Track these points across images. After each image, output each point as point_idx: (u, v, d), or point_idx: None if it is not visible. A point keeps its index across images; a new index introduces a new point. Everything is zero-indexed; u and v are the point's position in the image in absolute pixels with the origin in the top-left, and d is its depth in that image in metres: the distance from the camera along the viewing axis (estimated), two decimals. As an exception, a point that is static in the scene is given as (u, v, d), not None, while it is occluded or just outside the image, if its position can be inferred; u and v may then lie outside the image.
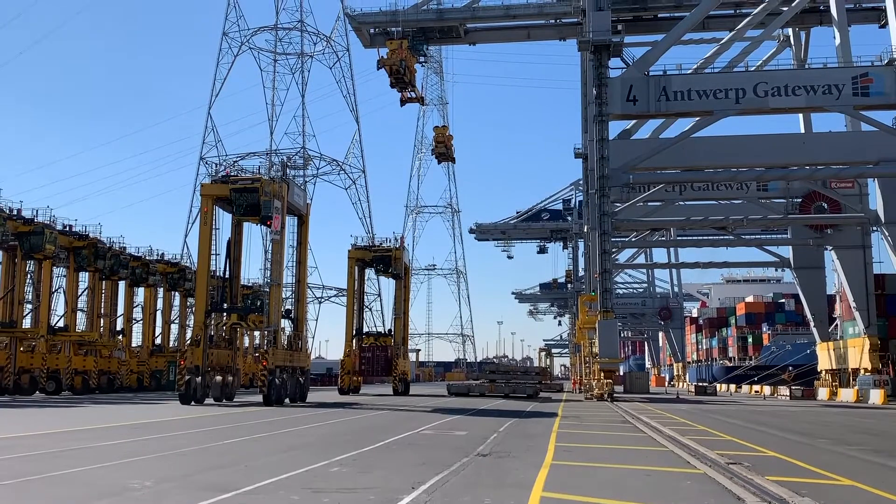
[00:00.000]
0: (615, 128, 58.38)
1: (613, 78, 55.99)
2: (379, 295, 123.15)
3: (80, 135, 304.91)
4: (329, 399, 55.64)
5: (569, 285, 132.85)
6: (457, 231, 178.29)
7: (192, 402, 44.55)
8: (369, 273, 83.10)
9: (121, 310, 75.50)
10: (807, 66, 60.63)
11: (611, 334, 56.80)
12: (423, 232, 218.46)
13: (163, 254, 79.34)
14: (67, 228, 65.36)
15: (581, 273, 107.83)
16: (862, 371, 62.59)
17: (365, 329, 76.49)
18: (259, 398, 47.07)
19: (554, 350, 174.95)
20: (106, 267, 68.54)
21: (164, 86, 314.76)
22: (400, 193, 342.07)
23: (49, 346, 62.55)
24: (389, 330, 76.83)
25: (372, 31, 67.00)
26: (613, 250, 65.62)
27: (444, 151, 75.27)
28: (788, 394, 64.08)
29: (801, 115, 66.36)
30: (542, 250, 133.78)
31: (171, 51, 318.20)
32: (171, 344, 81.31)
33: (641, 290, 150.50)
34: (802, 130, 66.51)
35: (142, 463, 16.53)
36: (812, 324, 76.01)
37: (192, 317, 57.51)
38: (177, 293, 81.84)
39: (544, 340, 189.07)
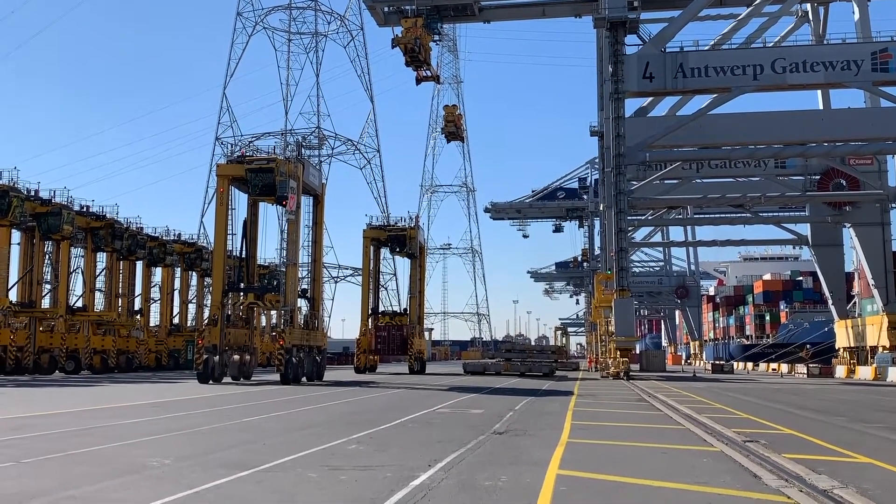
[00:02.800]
0: (631, 105, 58.05)
1: (629, 55, 55.56)
2: (394, 274, 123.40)
3: (95, 116, 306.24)
4: (345, 378, 55.92)
5: (585, 264, 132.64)
6: (472, 210, 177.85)
7: (210, 381, 44.89)
8: (384, 252, 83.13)
9: (138, 290, 75.98)
10: (825, 42, 59.92)
11: (627, 313, 56.76)
12: (438, 211, 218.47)
13: (179, 234, 79.72)
14: (84, 209, 65.71)
15: (597, 252, 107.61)
16: (880, 349, 62.35)
17: (381, 308, 76.74)
18: (276, 377, 47.37)
19: (570, 329, 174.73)
20: (123, 247, 68.96)
21: (178, 66, 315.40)
22: (415, 173, 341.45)
23: (68, 325, 63.05)
24: (405, 309, 77.01)
25: (386, 9, 66.66)
26: (629, 229, 65.40)
27: (453, 130, 75.23)
28: (806, 372, 63.93)
29: (819, 92, 65.61)
30: (558, 229, 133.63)
31: (185, 31, 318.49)
32: (188, 323, 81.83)
33: (658, 268, 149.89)
34: (821, 107, 65.82)
35: (160, 441, 16.69)
36: (830, 301, 75.66)
37: (210, 296, 57.78)
38: (194, 273, 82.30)
39: (560, 319, 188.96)
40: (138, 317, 75.18)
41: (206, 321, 53.07)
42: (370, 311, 74.16)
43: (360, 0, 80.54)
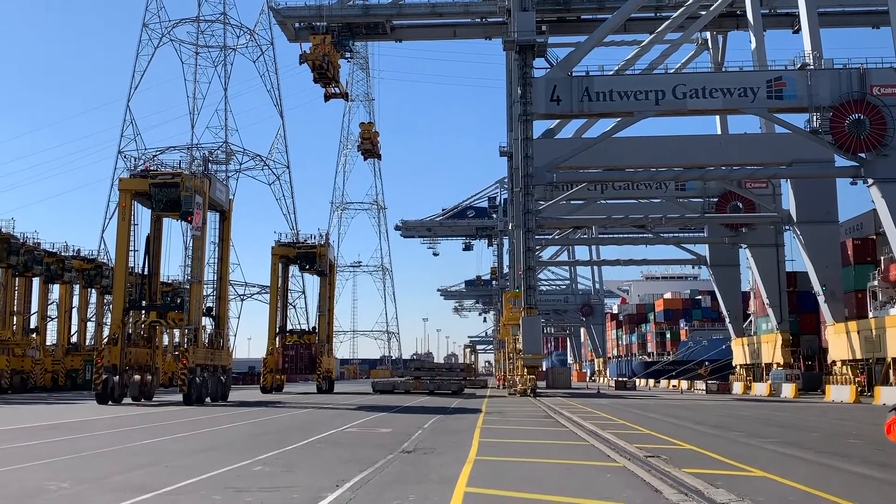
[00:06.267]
0: (539, 127, 58.99)
1: (538, 78, 56.48)
2: (303, 292, 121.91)
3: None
4: (251, 398, 54.95)
5: (494, 282, 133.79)
6: (383, 228, 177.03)
7: (110, 402, 43.47)
8: (293, 270, 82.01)
9: (35, 307, 73.26)
10: (724, 70, 62.13)
11: (534, 331, 57.48)
12: (349, 229, 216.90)
13: (79, 250, 77.30)
14: (-22, 223, 63.24)
15: (506, 270, 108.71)
16: (775, 366, 64.71)
17: (289, 327, 75.67)
18: (179, 397, 46.21)
19: (479, 346, 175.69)
20: (19, 263, 66.43)
21: (81, 77, 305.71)
22: (325, 189, 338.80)
23: (-42, 345, 60.39)
24: (314, 327, 76.17)
25: (297, 25, 66.23)
26: (537, 248, 66.36)
27: (369, 148, 75.05)
28: (705, 388, 65.82)
29: (717, 117, 68.17)
30: (468, 247, 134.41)
31: (88, 42, 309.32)
32: (87, 342, 79.21)
33: (564, 286, 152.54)
34: (719, 132, 68.34)
35: (58, 464, 16.11)
36: (727, 320, 78.35)
37: (110, 314, 56.09)
38: (94, 290, 79.85)
39: (469, 337, 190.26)
40: (34, 335, 72.42)
41: (105, 340, 51.43)
42: (278, 330, 73.03)
43: (271, 15, 79.76)
